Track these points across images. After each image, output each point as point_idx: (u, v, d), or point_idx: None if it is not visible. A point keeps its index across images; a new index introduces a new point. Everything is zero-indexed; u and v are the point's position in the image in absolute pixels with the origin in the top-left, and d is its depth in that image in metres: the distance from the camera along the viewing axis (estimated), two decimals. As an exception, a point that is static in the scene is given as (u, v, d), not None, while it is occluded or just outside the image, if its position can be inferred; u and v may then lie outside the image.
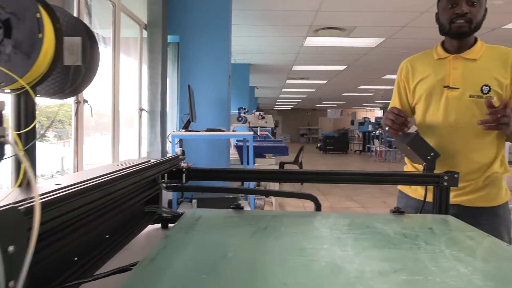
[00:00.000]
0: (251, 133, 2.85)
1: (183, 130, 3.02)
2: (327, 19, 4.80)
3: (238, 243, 0.84)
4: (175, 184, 1.27)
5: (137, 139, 3.35)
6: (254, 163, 4.63)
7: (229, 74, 3.82)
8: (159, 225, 1.28)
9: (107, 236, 0.97)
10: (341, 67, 8.53)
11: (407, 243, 0.84)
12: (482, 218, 1.35)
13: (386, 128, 1.35)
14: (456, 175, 1.21)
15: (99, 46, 0.85)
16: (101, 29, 2.75)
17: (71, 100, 2.18)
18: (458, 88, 1.36)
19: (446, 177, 1.21)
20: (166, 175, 1.26)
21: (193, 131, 2.99)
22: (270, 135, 7.19)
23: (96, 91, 2.74)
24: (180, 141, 3.44)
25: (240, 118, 4.61)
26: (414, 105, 1.50)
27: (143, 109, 3.38)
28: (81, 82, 0.80)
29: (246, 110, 5.06)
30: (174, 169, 1.26)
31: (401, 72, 1.54)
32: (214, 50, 3.68)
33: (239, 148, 4.46)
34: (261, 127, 5.78)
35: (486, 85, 1.33)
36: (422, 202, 1.33)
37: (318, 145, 18.29)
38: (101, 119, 2.89)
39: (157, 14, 3.36)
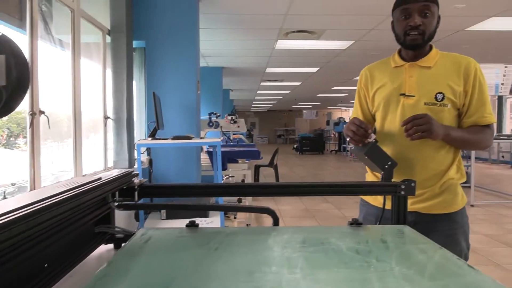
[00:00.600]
0: (219, 139, 2.80)
1: (150, 139, 2.94)
2: (296, 23, 4.82)
3: (184, 269, 0.80)
4: (126, 203, 1.21)
5: (102, 148, 3.24)
6: (226, 169, 4.59)
7: (197, 79, 3.76)
8: (111, 246, 1.22)
9: (45, 265, 0.90)
10: (313, 69, 8.60)
11: (358, 261, 0.82)
12: (439, 224, 1.36)
13: (348, 139, 1.34)
14: (413, 184, 1.21)
15: (28, 63, 0.79)
16: (64, 35, 2.66)
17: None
18: (413, 96, 1.37)
19: (403, 186, 1.20)
20: (117, 193, 1.20)
21: (160, 139, 2.91)
22: (244, 138, 7.15)
23: (56, 99, 2.64)
24: (148, 149, 3.36)
25: (211, 124, 4.56)
26: (374, 112, 1.50)
27: (108, 117, 3.28)
28: (6, 103, 0.74)
29: (218, 114, 5.01)
30: (125, 187, 1.20)
31: (361, 80, 1.54)
32: (181, 55, 3.61)
33: (210, 154, 4.40)
34: (234, 132, 5.74)
35: (440, 93, 1.34)
36: (382, 210, 1.33)
37: (295, 146, 18.39)
38: (60, 127, 2.79)
39: (121, 19, 3.27)
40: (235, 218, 3.99)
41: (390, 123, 1.42)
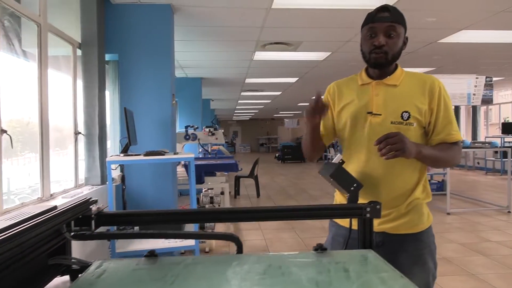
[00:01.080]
0: (192, 155, 2.75)
1: (122, 155, 2.86)
2: (272, 35, 4.83)
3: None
4: (82, 233, 1.16)
5: (73, 165, 3.14)
6: (203, 182, 4.53)
7: (172, 92, 3.71)
8: (68, 277, 1.16)
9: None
10: (292, 79, 8.66)
11: (316, 295, 0.80)
12: (406, 244, 1.36)
13: (305, 117, 1.40)
14: (378, 206, 1.19)
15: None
16: (32, 48, 2.58)
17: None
18: (380, 115, 1.36)
19: (368, 209, 1.19)
20: (73, 222, 1.15)
21: (132, 155, 2.84)
22: (225, 149, 7.10)
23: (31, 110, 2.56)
24: (122, 165, 3.28)
25: (187, 137, 4.50)
26: (338, 131, 1.49)
27: (80, 133, 3.19)
28: None
29: (196, 127, 4.96)
30: (81, 216, 1.14)
31: (329, 92, 1.53)
32: (155, 68, 3.56)
33: (187, 167, 4.34)
34: (213, 143, 5.69)
35: (406, 111, 1.34)
36: (349, 231, 1.31)
37: (277, 154, 18.42)
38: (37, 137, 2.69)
39: (92, 33, 3.20)
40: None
41: (357, 141, 1.41)
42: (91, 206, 1.23)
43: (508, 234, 4.55)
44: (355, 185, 1.27)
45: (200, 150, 5.58)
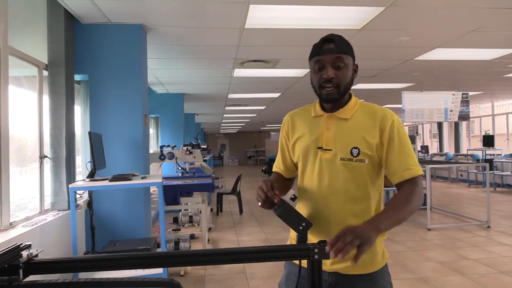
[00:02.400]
0: (159, 180, 2.68)
1: (88, 179, 2.78)
2: (249, 53, 4.83)
3: None
4: (10, 283, 1.07)
5: (38, 190, 3.03)
6: (179, 203, 4.44)
7: (144, 113, 3.64)
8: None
9: None
10: (275, 95, 8.67)
11: None
12: (359, 285, 1.30)
13: (259, 203, 1.26)
14: (327, 247, 1.15)
15: None
16: None
17: None
18: (331, 150, 1.32)
19: (316, 250, 1.14)
20: (-3, 272, 1.06)
21: (99, 179, 2.76)
22: (206, 165, 7.01)
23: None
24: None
25: (162, 157, 4.42)
26: (296, 162, 1.45)
27: (46, 156, 3.09)
28: None
29: (173, 146, 4.88)
30: (6, 266, 1.06)
31: (283, 128, 1.49)
32: (126, 89, 3.50)
33: (164, 188, 4.24)
34: (190, 163, 5.62)
35: (356, 148, 1.29)
36: (298, 272, 1.26)
37: (264, 168, 18.36)
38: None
39: (60, 53, 3.13)
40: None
41: (308, 177, 1.36)
42: (22, 252, 1.15)
43: (486, 251, 4.54)
44: (303, 224, 1.22)
45: (179, 169, 5.49)
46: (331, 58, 1.29)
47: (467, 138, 13.92)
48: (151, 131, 8.14)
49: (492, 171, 10.37)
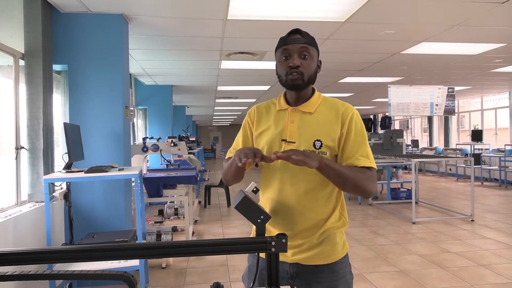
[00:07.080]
0: (136, 172, 2.65)
1: (64, 171, 2.74)
2: (235, 45, 4.78)
3: None
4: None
5: (14, 181, 2.99)
6: (161, 195, 4.41)
7: (125, 104, 3.59)
8: None
9: None
10: (265, 87, 8.63)
11: None
12: (320, 275, 1.31)
13: (237, 161, 1.19)
14: (284, 240, 1.13)
15: None
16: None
17: None
18: (294, 142, 1.31)
19: (273, 243, 1.13)
20: None
21: (74, 171, 2.73)
22: (195, 157, 6.98)
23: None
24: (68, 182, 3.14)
25: (145, 149, 4.38)
26: None
27: (22, 147, 3.04)
28: None
29: (158, 138, 4.84)
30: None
31: (249, 117, 1.47)
32: (106, 79, 3.45)
33: (146, 180, 4.22)
34: (178, 155, 5.58)
35: (318, 140, 1.29)
36: (257, 265, 1.25)
37: (255, 161, 18.34)
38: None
39: (36, 43, 3.07)
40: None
41: (271, 169, 1.35)
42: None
43: (468, 245, 4.59)
44: (262, 217, 1.21)
45: (167, 160, 5.45)
46: (298, 47, 1.32)
47: (457, 133, 14.01)
48: (139, 122, 8.07)
49: (479, 166, 10.47)
